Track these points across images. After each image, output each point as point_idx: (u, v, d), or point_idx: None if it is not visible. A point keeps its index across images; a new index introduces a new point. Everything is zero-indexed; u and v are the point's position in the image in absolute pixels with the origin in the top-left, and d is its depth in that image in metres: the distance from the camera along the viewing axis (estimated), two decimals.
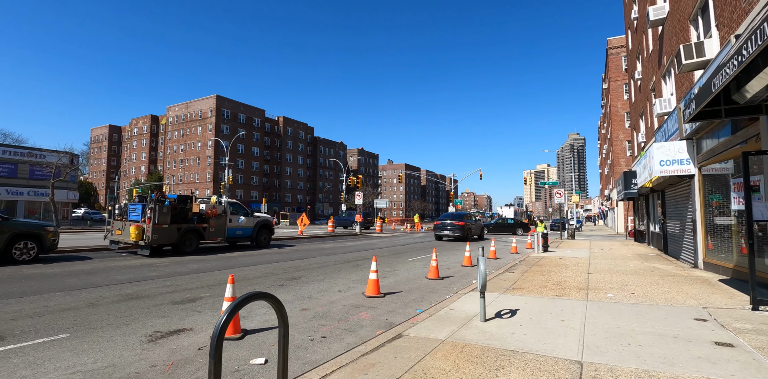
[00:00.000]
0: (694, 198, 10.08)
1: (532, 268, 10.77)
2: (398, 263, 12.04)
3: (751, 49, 3.81)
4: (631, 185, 18.73)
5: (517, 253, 16.16)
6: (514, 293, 7.09)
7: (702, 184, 9.83)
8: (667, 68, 13.15)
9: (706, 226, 9.64)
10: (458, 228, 23.01)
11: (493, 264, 12.39)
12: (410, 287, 8.28)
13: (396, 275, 9.88)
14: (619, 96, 43.28)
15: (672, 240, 13.25)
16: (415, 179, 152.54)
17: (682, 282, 8.07)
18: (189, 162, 74.94)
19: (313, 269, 10.44)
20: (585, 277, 9.02)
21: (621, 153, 42.93)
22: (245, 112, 77.81)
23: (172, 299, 6.64)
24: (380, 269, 10.81)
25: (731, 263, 8.31)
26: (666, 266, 10.71)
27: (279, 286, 8.05)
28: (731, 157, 8.09)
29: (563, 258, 13.28)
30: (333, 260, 12.70)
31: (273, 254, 14.08)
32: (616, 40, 43.78)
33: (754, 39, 3.75)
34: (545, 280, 8.63)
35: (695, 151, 9.99)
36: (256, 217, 16.87)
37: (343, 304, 6.55)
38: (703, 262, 9.73)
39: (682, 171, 10.18)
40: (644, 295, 6.84)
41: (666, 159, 10.33)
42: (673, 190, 12.67)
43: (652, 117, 16.64)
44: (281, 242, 20.10)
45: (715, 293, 6.85)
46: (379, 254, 14.95)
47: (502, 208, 68.20)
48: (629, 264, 11.37)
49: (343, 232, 31.08)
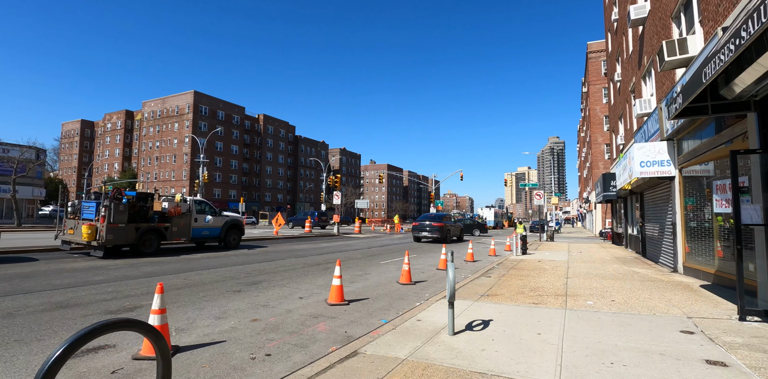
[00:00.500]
0: (674, 200, 9.81)
1: (509, 272, 10.34)
2: (371, 266, 11.45)
3: (752, 29, 3.36)
4: (609, 187, 18.61)
5: (496, 255, 15.78)
6: (488, 300, 6.59)
7: (682, 187, 9.56)
8: (647, 68, 12.94)
9: (686, 229, 9.36)
10: (437, 229, 22.57)
11: (470, 267, 11.93)
12: (379, 292, 7.69)
13: (366, 279, 9.28)
14: (598, 99, 43.75)
15: (650, 243, 13.04)
16: (398, 180, 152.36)
17: (663, 288, 7.71)
18: (165, 159, 72.74)
19: (277, 273, 9.75)
20: (563, 282, 8.60)
21: (599, 156, 43.38)
22: (224, 109, 76.02)
23: (106, 308, 5.89)
24: (350, 273, 10.19)
25: (712, 268, 8.01)
26: (645, 271, 10.42)
27: (235, 292, 7.35)
28: (714, 159, 7.79)
29: (542, 261, 12.92)
30: (302, 262, 12.02)
31: (240, 256, 13.30)
32: (596, 45, 44.26)
33: (757, 16, 3.31)
34: (522, 285, 8.17)
35: (676, 153, 9.72)
36: (224, 216, 16.03)
37: (301, 313, 5.92)
38: (683, 266, 9.45)
39: (662, 173, 9.90)
40: (625, 302, 6.42)
41: (646, 160, 10.04)
42: (652, 192, 12.45)
43: (631, 119, 16.50)
44: (253, 243, 19.26)
45: (698, 301, 6.48)
46: (352, 256, 14.33)
47: (483, 209, 68.25)
48: (608, 268, 11.06)
49: (320, 232, 30.32)
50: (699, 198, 8.76)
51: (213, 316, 5.63)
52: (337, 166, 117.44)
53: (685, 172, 9.48)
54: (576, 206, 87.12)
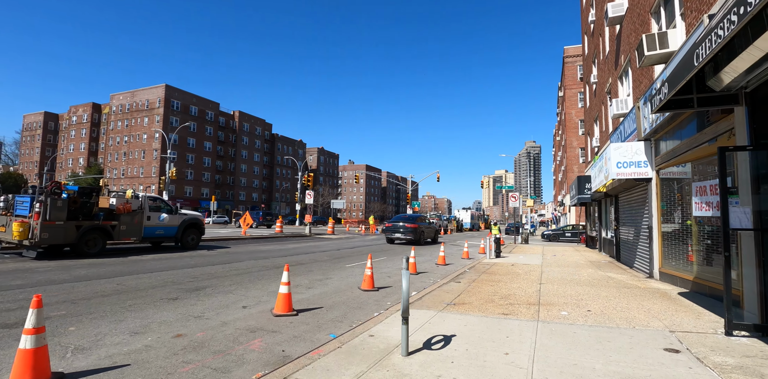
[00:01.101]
0: (651, 203, 9.43)
1: (480, 276, 9.75)
2: (334, 270, 10.67)
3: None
4: (584, 190, 18.39)
5: (469, 258, 15.24)
6: (455, 310, 5.93)
7: (660, 189, 9.18)
8: (624, 68, 12.65)
9: (663, 234, 8.98)
10: (410, 231, 21.96)
11: (441, 271, 11.30)
12: (336, 300, 6.94)
13: (326, 284, 8.51)
14: (574, 104, 44.21)
15: (625, 247, 12.73)
16: (376, 181, 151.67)
17: (640, 296, 7.24)
18: (133, 155, 69.89)
19: (228, 277, 8.86)
20: (537, 288, 8.05)
21: (574, 160, 43.81)
22: (197, 105, 73.66)
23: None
24: (310, 277, 9.40)
25: (690, 275, 7.60)
26: (620, 276, 10.01)
27: (170, 300, 6.46)
28: (695, 159, 7.38)
29: (515, 265, 12.42)
30: (261, 265, 11.13)
31: (195, 257, 12.30)
32: (573, 49, 44.74)
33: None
34: (493, 292, 7.56)
35: (653, 153, 9.35)
36: (182, 215, 14.94)
37: (237, 326, 5.11)
38: (659, 272, 9.06)
39: (639, 174, 9.51)
40: (602, 313, 5.87)
41: (623, 161, 9.63)
42: (628, 195, 12.14)
43: (607, 120, 16.29)
44: (216, 244, 18.17)
45: (679, 311, 5.99)
46: (318, 258, 13.50)
47: (459, 211, 68.40)
48: (582, 273, 10.62)
49: (292, 232, 29.29)
50: (677, 201, 8.37)
51: (130, 331, 4.76)
52: (314, 166, 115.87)
53: (662, 174, 9.10)
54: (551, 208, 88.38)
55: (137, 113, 70.39)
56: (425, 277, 10.10)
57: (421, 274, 10.59)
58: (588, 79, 22.21)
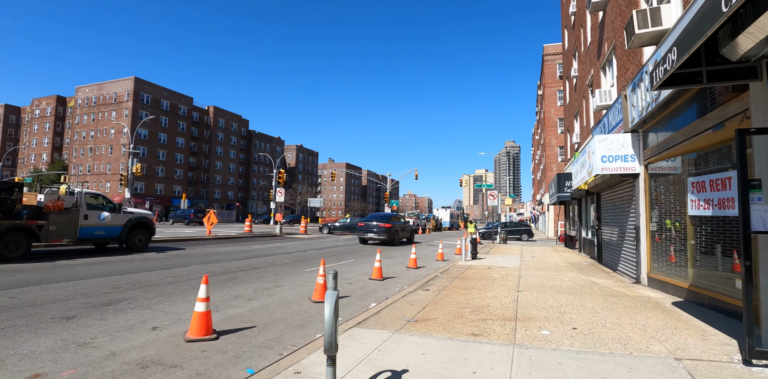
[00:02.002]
0: (638, 201, 8.58)
1: (453, 282, 8.73)
2: (290, 276, 9.48)
3: None
4: (564, 188, 17.68)
5: (443, 260, 14.26)
6: (414, 331, 4.85)
7: (648, 185, 8.33)
8: (608, 57, 11.85)
9: (652, 235, 8.13)
10: (384, 231, 20.88)
11: (411, 276, 10.25)
12: (276, 316, 5.78)
13: (272, 294, 7.32)
14: (553, 102, 43.98)
15: (608, 249, 11.94)
16: (356, 179, 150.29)
17: (631, 307, 6.32)
18: (100, 150, 66.66)
19: (159, 286, 7.58)
20: (514, 297, 7.07)
21: (553, 158, 43.60)
22: (169, 99, 70.82)
23: None
24: (258, 285, 8.19)
25: (685, 282, 6.73)
26: (605, 281, 9.15)
27: (64, 319, 5.18)
28: (690, 151, 6.52)
29: (491, 268, 11.48)
30: (207, 270, 9.86)
31: (136, 262, 10.91)
32: (552, 47, 44.49)
33: None
34: (464, 303, 6.53)
35: (641, 146, 8.50)
36: (128, 213, 13.46)
37: (127, 359, 3.91)
38: (647, 277, 8.22)
39: (625, 169, 8.65)
40: (590, 332, 4.89)
41: (609, 154, 8.76)
42: (612, 192, 11.34)
43: (588, 115, 15.56)
44: (172, 245, 16.70)
45: (680, 329, 5.06)
46: (278, 261, 12.27)
47: (439, 210, 67.87)
48: (564, 277, 9.74)
49: (262, 232, 27.83)
50: (668, 199, 7.52)
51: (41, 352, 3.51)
52: (293, 164, 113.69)
53: (651, 169, 8.25)
54: (529, 208, 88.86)
55: (104, 107, 67.17)
56: (391, 283, 9.02)
57: (388, 280, 9.51)
58: (568, 74, 21.56)
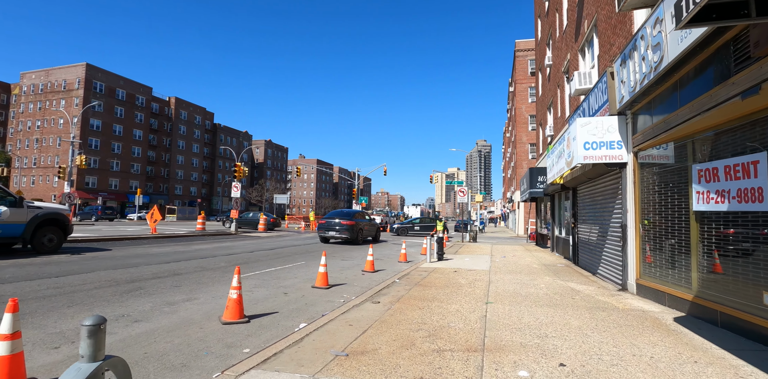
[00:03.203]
0: (626, 196, 7.39)
1: (411, 291, 7.30)
2: (214, 284, 7.79)
3: None
4: (536, 184, 16.64)
5: (407, 262, 12.84)
6: (339, 375, 3.34)
7: (638, 176, 7.14)
8: (587, 35, 10.71)
9: (642, 234, 6.94)
10: (346, 229, 19.33)
11: (365, 282, 8.75)
12: (156, 349, 4.13)
13: (175, 311, 5.65)
14: (524, 98, 43.52)
15: (585, 249, 10.83)
16: (328, 176, 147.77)
17: (626, 326, 5.04)
18: (47, 142, 61.80)
19: (25, 302, 5.75)
20: (482, 313, 5.69)
21: (524, 155, 43.18)
22: (125, 88, 66.49)
23: None
24: (164, 298, 6.48)
25: (687, 292, 5.53)
26: (586, 288, 7.94)
27: None
28: (696, 132, 5.30)
29: (458, 271, 10.14)
30: (112, 278, 8.02)
31: (28, 267, 8.91)
32: (524, 43, 43.99)
33: None
34: (419, 323, 5.09)
35: (630, 131, 7.30)
36: (34, 208, 11.32)
37: None
38: (635, 284, 7.03)
39: (612, 158, 7.44)
40: (585, 372, 3.52)
41: (593, 140, 7.53)
42: (591, 186, 10.20)
43: (563, 104, 14.50)
44: (101, 245, 14.55)
45: (700, 363, 3.77)
46: (211, 265, 10.50)
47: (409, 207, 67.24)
48: (539, 283, 8.48)
49: (216, 230, 25.66)
50: (665, 192, 6.31)
51: None
52: (261, 160, 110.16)
53: (642, 158, 7.06)
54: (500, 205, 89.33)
55: (52, 95, 62.30)
56: (337, 293, 7.49)
57: (335, 288, 7.97)
58: (541, 64, 20.58)
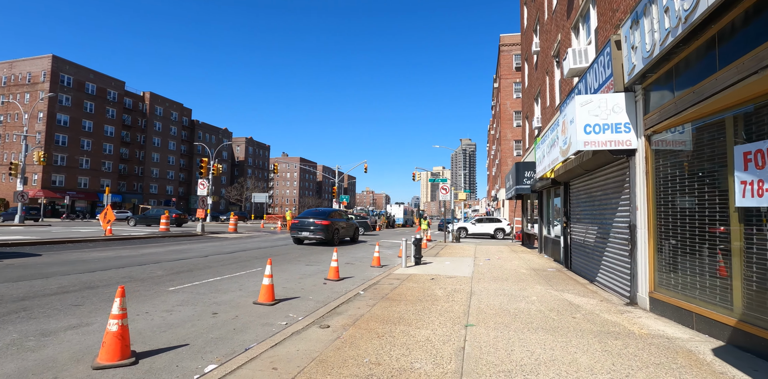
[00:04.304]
0: (635, 189, 6.09)
1: (373, 309, 5.87)
2: (131, 301, 6.20)
3: None
4: (523, 179, 15.40)
5: (380, 266, 11.40)
6: None
7: (652, 165, 5.84)
8: (582, 9, 9.43)
9: (658, 236, 5.63)
10: (321, 229, 17.79)
11: (322, 295, 7.29)
12: None
13: (42, 347, 4.11)
14: (509, 94, 42.52)
15: (580, 252, 9.55)
16: (311, 175, 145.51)
17: (653, 365, 3.70)
18: (10, 138, 58.40)
19: None
20: (459, 344, 4.30)
21: (508, 152, 42.22)
22: (96, 82, 63.38)
23: None
24: (47, 325, 4.90)
25: (728, 314, 4.23)
26: (586, 301, 6.63)
27: None
28: (721, 109, 3.99)
29: (436, 279, 8.76)
30: (1, 295, 6.37)
31: None
32: (509, 37, 42.98)
33: None
34: (372, 364, 3.66)
35: (641, 110, 5.99)
36: None
37: None
38: (649, 297, 5.73)
39: (618, 143, 6.13)
40: None
41: (595, 123, 6.20)
42: (587, 180, 8.91)
43: (553, 92, 13.26)
44: (34, 250, 12.74)
45: None
46: (147, 274, 8.88)
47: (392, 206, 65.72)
48: (530, 294, 7.15)
49: (183, 231, 23.83)
50: (690, 183, 5.01)
51: None
52: (242, 157, 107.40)
53: (657, 142, 5.75)
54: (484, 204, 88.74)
55: (16, 88, 58.95)
56: (281, 312, 6.01)
57: (283, 303, 6.49)
58: (528, 54, 19.37)
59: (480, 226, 29.47)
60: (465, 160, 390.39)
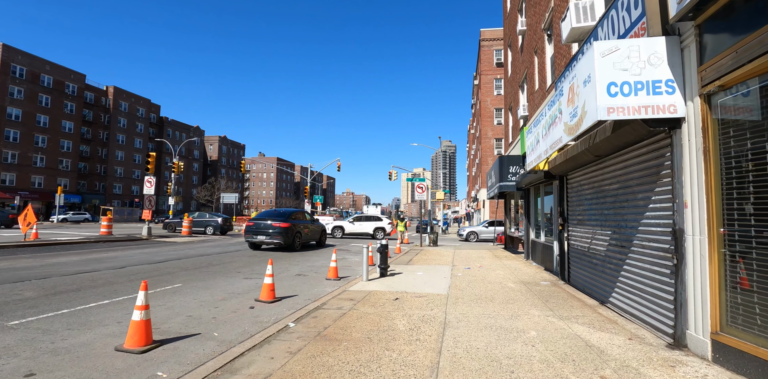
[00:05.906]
0: (682, 177, 4.17)
1: (293, 360, 3.76)
2: None
3: None
4: (508, 175, 13.53)
5: (337, 278, 9.29)
6: None
7: (714, 141, 3.90)
8: None
9: (728, 247, 3.69)
10: (279, 232, 15.58)
11: (238, 328, 5.11)
12: None
13: None
14: (489, 91, 41.09)
15: (583, 263, 7.61)
16: (289, 176, 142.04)
17: None
18: None
19: None
20: None
21: (489, 151, 40.76)
22: (53, 74, 59.15)
23: None
24: None
25: None
26: (608, 340, 4.68)
27: None
28: None
29: (401, 299, 6.71)
30: None
31: None
32: (489, 32, 41.59)
33: None
34: None
35: (693, 60, 4.07)
36: None
37: None
38: (711, 340, 3.77)
39: (658, 109, 4.20)
40: None
41: (624, 81, 4.25)
42: (595, 170, 7.00)
43: (543, 71, 11.43)
44: None
45: None
46: (18, 295, 6.51)
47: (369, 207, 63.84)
48: (526, 325, 5.16)
49: (128, 235, 21.12)
50: None
51: None
52: (215, 157, 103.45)
53: (722, 107, 3.82)
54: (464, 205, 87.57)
55: None
56: (152, 365, 3.82)
57: (163, 348, 4.29)
58: (512, 37, 17.62)
59: (358, 225, 26.24)
60: (445, 162, 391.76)
